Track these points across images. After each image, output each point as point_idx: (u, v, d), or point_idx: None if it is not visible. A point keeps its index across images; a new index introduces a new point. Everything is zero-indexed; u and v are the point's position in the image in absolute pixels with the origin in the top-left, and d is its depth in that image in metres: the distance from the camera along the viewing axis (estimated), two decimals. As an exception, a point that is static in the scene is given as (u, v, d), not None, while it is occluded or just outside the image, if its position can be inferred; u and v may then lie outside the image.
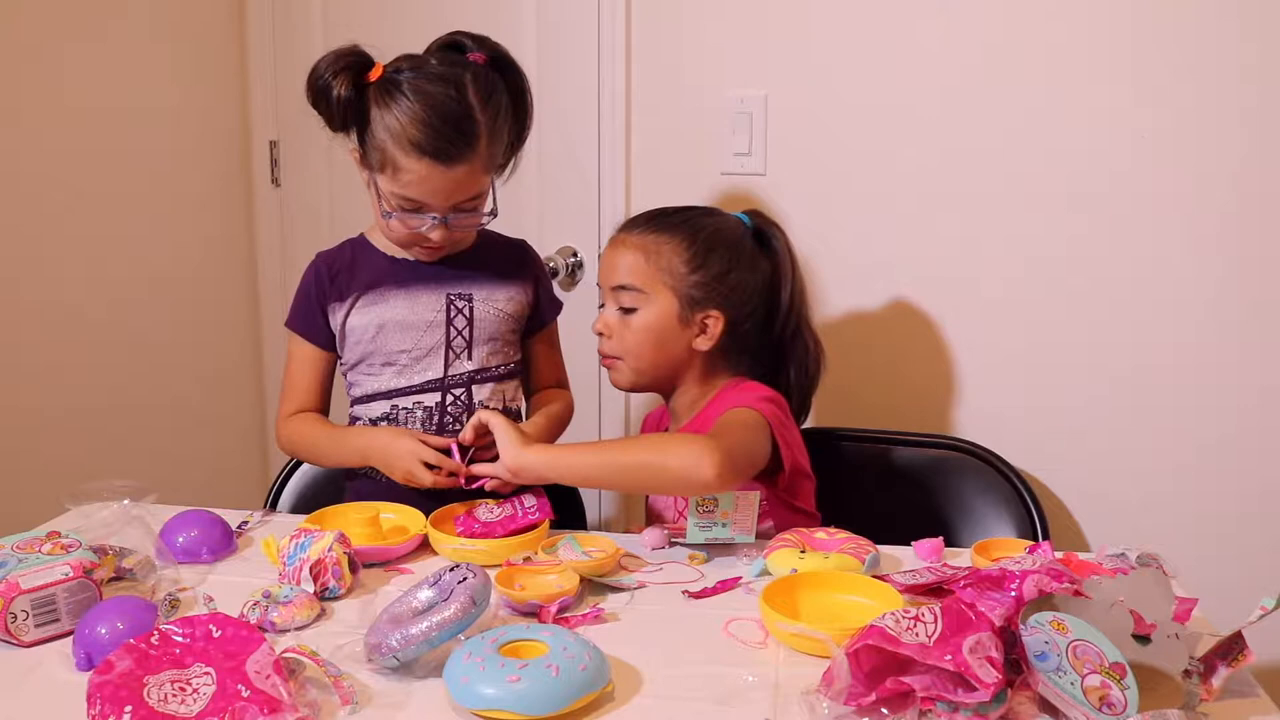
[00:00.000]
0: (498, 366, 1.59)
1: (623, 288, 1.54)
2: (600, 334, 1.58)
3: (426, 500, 1.47)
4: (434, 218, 1.47)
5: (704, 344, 1.55)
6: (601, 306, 1.60)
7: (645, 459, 1.40)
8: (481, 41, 1.50)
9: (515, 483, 1.45)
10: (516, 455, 1.40)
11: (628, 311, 1.55)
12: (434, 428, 1.55)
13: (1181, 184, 1.73)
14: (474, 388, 1.57)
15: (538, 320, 1.66)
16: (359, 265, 1.58)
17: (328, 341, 1.59)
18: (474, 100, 1.43)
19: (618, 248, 1.56)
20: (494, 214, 1.54)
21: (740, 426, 1.44)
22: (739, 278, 1.55)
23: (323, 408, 1.62)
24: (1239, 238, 1.71)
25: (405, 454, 1.46)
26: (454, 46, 1.50)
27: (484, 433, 1.45)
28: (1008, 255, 1.83)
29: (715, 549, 1.39)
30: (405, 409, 1.55)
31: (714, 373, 1.58)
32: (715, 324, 1.55)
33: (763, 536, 1.41)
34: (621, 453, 1.46)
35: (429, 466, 1.45)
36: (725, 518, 1.36)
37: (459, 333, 1.56)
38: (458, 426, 1.54)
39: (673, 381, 1.59)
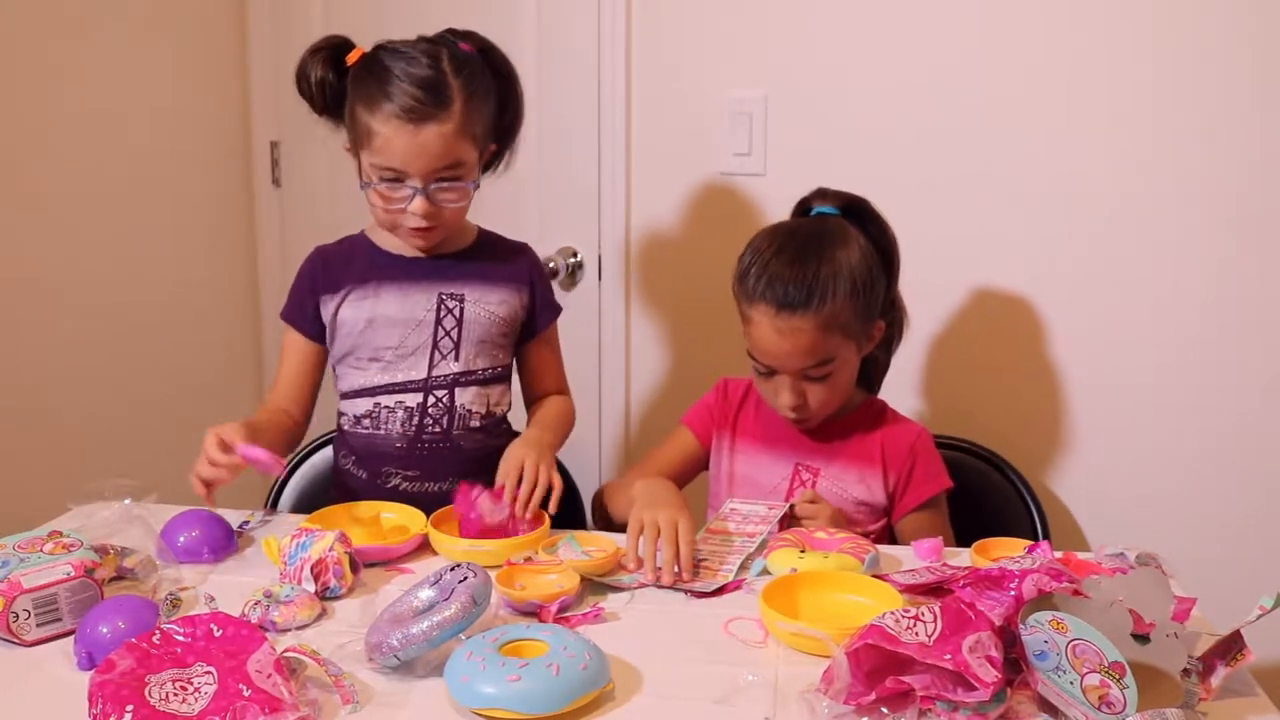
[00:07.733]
0: (484, 370, 1.58)
1: (811, 368, 1.48)
2: (795, 409, 1.51)
3: (426, 502, 1.47)
4: (413, 187, 1.45)
5: (869, 349, 1.56)
6: (766, 374, 1.51)
7: None
8: (469, 35, 1.52)
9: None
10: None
11: (819, 379, 1.50)
12: (413, 429, 1.55)
13: (1181, 187, 1.73)
14: (457, 391, 1.56)
15: (531, 326, 1.63)
16: (355, 259, 1.58)
17: (317, 333, 1.59)
18: (447, 67, 1.45)
19: (792, 336, 1.45)
20: (476, 185, 1.52)
21: (946, 521, 1.58)
22: (880, 282, 1.52)
23: (303, 399, 1.61)
24: (1238, 239, 1.72)
25: (209, 433, 1.38)
26: (441, 38, 1.52)
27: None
28: (1008, 255, 1.84)
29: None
30: (387, 407, 1.56)
31: None
32: (879, 331, 1.55)
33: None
34: None
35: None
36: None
37: (447, 333, 1.56)
38: (437, 430, 1.55)
39: None
